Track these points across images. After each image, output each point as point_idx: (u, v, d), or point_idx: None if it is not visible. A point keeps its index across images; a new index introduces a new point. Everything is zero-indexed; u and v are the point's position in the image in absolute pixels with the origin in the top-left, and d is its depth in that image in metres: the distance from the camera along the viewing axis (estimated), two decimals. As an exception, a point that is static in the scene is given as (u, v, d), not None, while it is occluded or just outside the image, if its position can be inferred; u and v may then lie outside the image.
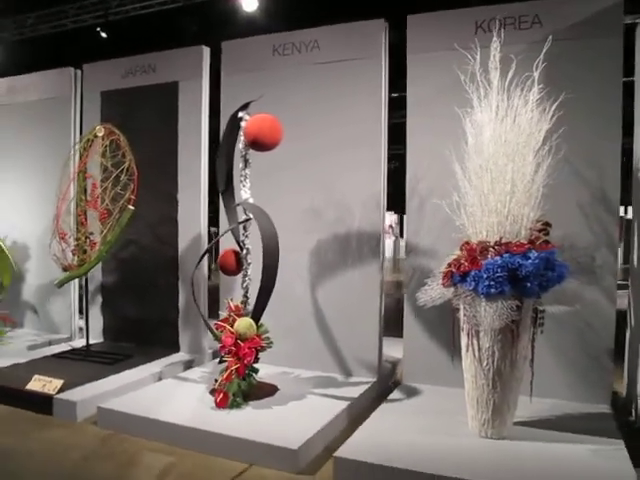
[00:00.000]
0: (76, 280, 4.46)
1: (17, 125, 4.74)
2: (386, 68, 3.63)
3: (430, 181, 3.43)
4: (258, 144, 3.14)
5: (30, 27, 6.69)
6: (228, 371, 3.10)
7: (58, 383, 3.26)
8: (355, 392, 3.38)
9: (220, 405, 3.05)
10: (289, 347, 3.88)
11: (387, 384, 3.78)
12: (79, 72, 4.58)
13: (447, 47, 3.27)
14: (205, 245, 4.11)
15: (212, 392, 3.19)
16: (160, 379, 3.69)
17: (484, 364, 2.68)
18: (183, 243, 4.18)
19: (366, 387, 3.48)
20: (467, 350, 2.73)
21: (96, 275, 4.48)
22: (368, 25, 3.64)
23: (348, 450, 2.59)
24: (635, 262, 3.35)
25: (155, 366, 3.83)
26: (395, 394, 3.39)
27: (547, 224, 2.82)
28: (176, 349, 4.21)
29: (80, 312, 4.62)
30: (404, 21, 3.56)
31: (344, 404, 3.17)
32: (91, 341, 4.29)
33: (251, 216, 3.22)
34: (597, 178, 3.19)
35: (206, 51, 4.11)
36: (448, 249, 2.87)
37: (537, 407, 3.09)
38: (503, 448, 2.62)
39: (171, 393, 3.34)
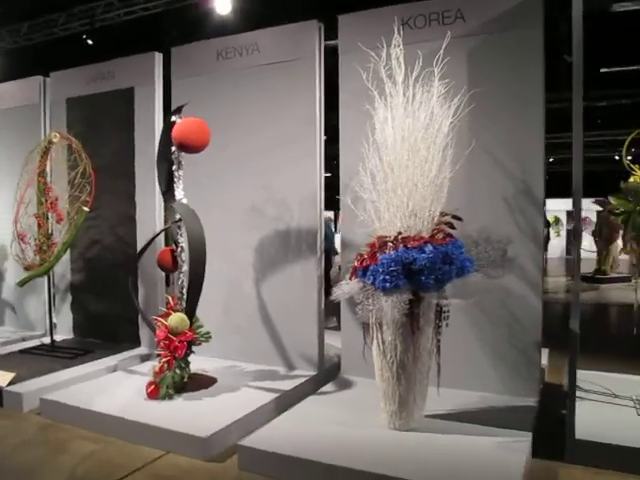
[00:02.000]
0: (50, 279, 4.70)
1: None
2: (321, 67, 3.70)
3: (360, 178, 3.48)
4: (185, 146, 3.27)
5: (24, 36, 7.00)
6: (159, 364, 3.26)
7: (9, 376, 3.47)
8: (289, 385, 3.49)
9: (151, 396, 3.21)
10: (238, 342, 4.02)
11: (335, 377, 3.86)
12: (48, 80, 4.80)
13: (374, 45, 3.32)
14: (162, 243, 4.27)
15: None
16: (114, 371, 3.87)
17: (388, 357, 2.74)
18: (141, 242, 4.34)
19: (301, 380, 3.57)
20: (373, 343, 2.80)
21: (66, 275, 4.70)
22: (302, 27, 3.72)
23: (253, 439, 2.69)
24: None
25: (112, 360, 4.01)
26: (327, 387, 3.48)
27: (456, 218, 2.86)
28: (137, 344, 4.39)
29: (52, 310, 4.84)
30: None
31: (272, 396, 3.28)
32: (62, 337, 4.52)
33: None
34: (521, 171, 3.20)
35: (158, 57, 4.26)
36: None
37: (463, 400, 3.15)
38: (406, 439, 2.68)
39: (115, 385, 3.50)
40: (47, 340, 4.59)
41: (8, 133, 4.89)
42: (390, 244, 2.67)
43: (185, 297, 3.41)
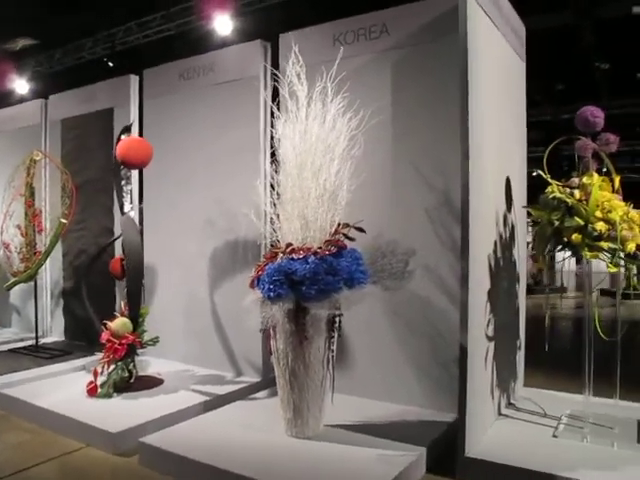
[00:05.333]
0: (48, 284, 5.15)
1: (5, 151, 5.49)
2: (267, 85, 3.84)
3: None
4: (125, 163, 3.52)
5: (58, 60, 7.66)
6: (100, 364, 3.51)
7: (-21, 371, 3.85)
8: (225, 390, 3.63)
9: (91, 393, 3.45)
10: (196, 347, 4.22)
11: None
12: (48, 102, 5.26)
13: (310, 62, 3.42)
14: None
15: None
16: (81, 371, 4.16)
17: (281, 364, 2.82)
18: (118, 251, 4.65)
19: (240, 386, 3.70)
20: (270, 351, 2.89)
21: (59, 281, 5.10)
22: (248, 47, 3.90)
23: (154, 438, 2.85)
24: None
25: (83, 361, 4.32)
26: (260, 393, 3.58)
27: (359, 229, 2.90)
28: (115, 347, 4.67)
29: (51, 314, 5.27)
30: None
31: (202, 399, 3.43)
32: (54, 339, 4.91)
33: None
34: (442, 182, 3.18)
35: (134, 79, 4.57)
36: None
37: (378, 412, 3.17)
38: (293, 447, 2.73)
39: (69, 383, 3.75)
40: (46, 341, 5.03)
41: (18, 151, 5.37)
42: (281, 254, 2.76)
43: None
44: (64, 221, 4.32)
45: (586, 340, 2.84)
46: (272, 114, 2.97)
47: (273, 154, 3.99)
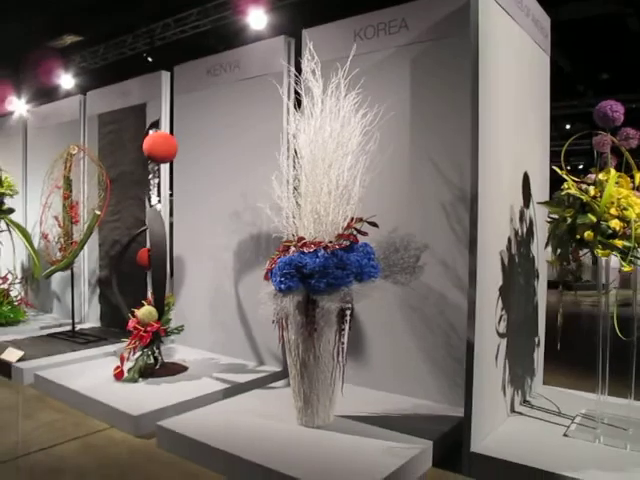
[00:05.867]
0: (85, 273, 5.40)
1: (49, 145, 5.78)
2: (289, 80, 3.89)
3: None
4: (152, 157, 3.66)
5: (101, 56, 7.96)
6: (126, 350, 3.68)
7: (19, 354, 4.08)
8: (245, 378, 3.74)
9: (117, 378, 3.62)
10: (220, 336, 4.35)
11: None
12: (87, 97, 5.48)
13: (332, 57, 3.46)
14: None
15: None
16: (111, 356, 4.36)
17: (292, 355, 2.90)
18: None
19: (261, 375, 3.80)
20: (282, 342, 2.97)
21: (96, 270, 5.34)
22: (272, 42, 3.96)
23: (171, 422, 2.98)
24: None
25: (114, 347, 4.52)
26: (279, 382, 3.67)
27: (372, 224, 2.94)
28: (146, 333, 4.87)
29: (88, 301, 5.53)
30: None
31: (222, 386, 3.56)
32: (90, 325, 5.14)
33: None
34: (458, 178, 3.17)
35: (165, 75, 4.70)
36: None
37: (393, 406, 3.20)
38: (303, 435, 2.80)
39: (99, 367, 3.96)
40: (83, 327, 5.28)
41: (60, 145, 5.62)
42: (293, 248, 2.83)
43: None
44: (98, 213, 4.52)
45: (599, 338, 2.79)
46: (288, 110, 3.02)
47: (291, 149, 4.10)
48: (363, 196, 2.93)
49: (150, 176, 3.83)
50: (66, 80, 8.36)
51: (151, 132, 3.81)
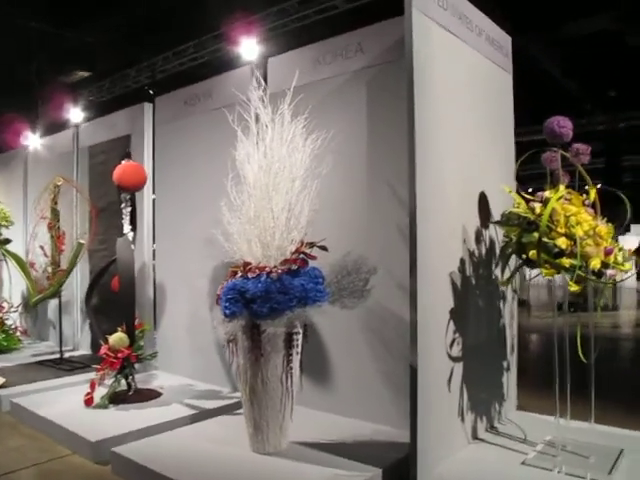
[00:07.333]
0: (78, 300, 5.51)
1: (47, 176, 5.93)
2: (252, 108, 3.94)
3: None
4: (121, 186, 3.74)
5: (107, 90, 8.25)
6: (97, 376, 3.71)
7: (1, 381, 4.17)
8: (214, 405, 3.72)
9: (87, 404, 3.65)
10: (198, 362, 4.35)
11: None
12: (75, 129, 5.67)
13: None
14: (150, 267, 4.79)
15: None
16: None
17: (242, 380, 2.88)
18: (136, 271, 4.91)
19: (228, 402, 3.77)
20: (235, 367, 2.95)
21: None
22: (240, 72, 4.04)
23: (125, 448, 2.99)
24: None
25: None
26: (246, 408, 3.64)
27: (322, 248, 2.93)
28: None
29: (80, 328, 5.62)
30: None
31: (188, 412, 3.55)
32: (80, 352, 5.23)
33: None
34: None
35: (148, 107, 4.83)
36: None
37: (349, 431, 3.15)
38: (254, 462, 2.78)
39: (76, 394, 3.98)
40: (74, 354, 5.37)
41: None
42: (240, 273, 2.84)
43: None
44: (82, 242, 4.62)
45: (555, 360, 2.69)
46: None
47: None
48: (316, 220, 2.93)
49: (122, 205, 3.90)
50: (75, 114, 8.67)
51: (123, 162, 3.89)
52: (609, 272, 2.48)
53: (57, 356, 5.04)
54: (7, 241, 5.44)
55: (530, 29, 7.68)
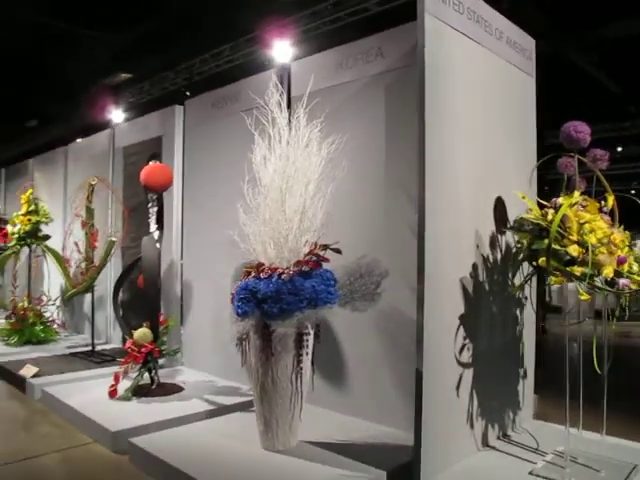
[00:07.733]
0: (111, 297, 5.71)
1: (85, 175, 6.17)
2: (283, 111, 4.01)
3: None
4: (147, 187, 3.87)
5: (146, 91, 8.50)
6: (121, 369, 3.85)
7: (34, 370, 4.38)
8: (232, 401, 3.81)
9: (111, 396, 3.80)
10: (221, 359, 4.45)
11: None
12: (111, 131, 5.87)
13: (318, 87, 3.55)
14: (178, 266, 4.93)
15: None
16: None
17: (253, 378, 2.95)
18: (163, 267, 5.05)
19: (246, 398, 3.82)
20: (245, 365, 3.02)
21: (120, 292, 5.62)
22: (264, 75, 4.12)
23: (142, 439, 3.10)
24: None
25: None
26: (262, 406, 3.70)
27: (335, 250, 2.97)
28: (159, 354, 5.07)
29: (112, 322, 5.82)
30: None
31: (207, 407, 3.65)
32: (112, 346, 5.43)
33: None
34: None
35: (179, 109, 4.97)
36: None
37: (360, 432, 3.17)
38: (264, 460, 2.82)
39: (102, 386, 4.13)
40: (107, 347, 5.57)
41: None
42: (253, 273, 2.90)
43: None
44: (114, 239, 4.80)
45: (566, 369, 2.64)
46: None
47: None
48: (331, 222, 2.96)
49: (149, 205, 4.04)
50: (117, 115, 8.99)
51: (151, 163, 4.03)
52: (622, 281, 2.42)
53: (89, 349, 5.26)
54: (47, 237, 5.70)
55: (570, 29, 7.51)
